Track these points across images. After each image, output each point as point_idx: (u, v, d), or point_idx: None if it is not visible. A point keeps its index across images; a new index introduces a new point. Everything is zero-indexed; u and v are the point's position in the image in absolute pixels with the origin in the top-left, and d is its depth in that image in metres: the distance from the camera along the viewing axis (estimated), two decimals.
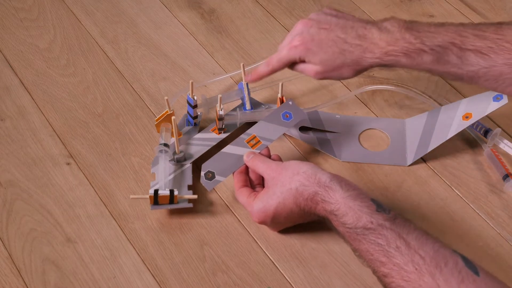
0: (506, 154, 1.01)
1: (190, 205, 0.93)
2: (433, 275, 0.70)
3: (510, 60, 0.85)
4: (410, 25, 0.87)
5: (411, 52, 0.86)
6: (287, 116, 0.97)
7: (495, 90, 0.88)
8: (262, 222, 0.88)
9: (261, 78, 0.97)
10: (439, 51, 0.86)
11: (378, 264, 0.74)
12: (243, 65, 1.03)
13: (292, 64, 0.93)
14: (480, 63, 0.85)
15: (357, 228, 0.77)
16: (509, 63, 0.85)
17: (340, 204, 0.80)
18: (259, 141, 0.95)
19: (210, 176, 0.92)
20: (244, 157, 0.92)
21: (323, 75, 0.91)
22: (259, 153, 0.93)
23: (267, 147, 0.94)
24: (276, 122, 0.96)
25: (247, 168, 0.93)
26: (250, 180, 0.93)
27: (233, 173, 0.92)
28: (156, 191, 0.91)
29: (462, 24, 0.87)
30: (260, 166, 0.90)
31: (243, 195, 0.89)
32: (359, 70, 0.90)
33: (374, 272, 0.76)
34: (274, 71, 0.95)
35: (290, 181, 0.84)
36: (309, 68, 0.92)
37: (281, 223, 0.89)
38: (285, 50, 0.92)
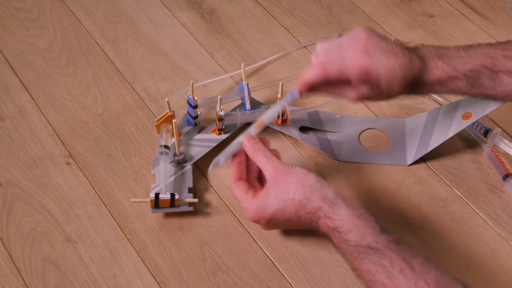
0: (506, 154, 1.01)
1: (191, 208, 0.93)
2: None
3: None
4: (440, 52, 0.86)
5: (445, 80, 0.86)
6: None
7: None
8: (256, 221, 0.86)
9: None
10: (472, 76, 0.86)
11: (380, 286, 0.74)
12: (244, 65, 1.03)
13: None
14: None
15: (361, 247, 0.76)
16: None
17: (344, 221, 0.78)
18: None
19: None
20: (244, 140, 0.87)
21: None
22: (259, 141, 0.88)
23: (266, 139, 0.91)
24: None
25: (246, 158, 0.89)
26: (248, 170, 0.89)
27: (232, 161, 0.89)
28: (157, 195, 0.91)
29: (490, 45, 0.87)
30: (262, 161, 0.85)
31: (241, 189, 0.86)
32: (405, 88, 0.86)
33: None
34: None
35: (295, 192, 0.82)
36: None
37: (274, 226, 0.88)
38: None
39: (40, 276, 0.88)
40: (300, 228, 0.85)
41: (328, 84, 0.86)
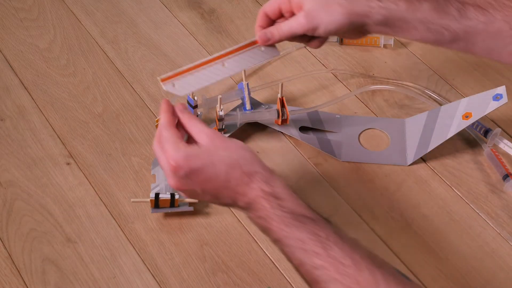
0: (506, 154, 1.01)
1: (191, 208, 0.93)
2: (372, 272, 0.68)
3: (509, 17, 0.84)
4: None
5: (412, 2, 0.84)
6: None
7: (491, 55, 0.86)
8: (175, 169, 0.76)
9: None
10: (439, 1, 0.84)
11: (311, 255, 0.70)
12: None
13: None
14: (479, 17, 0.84)
15: (296, 214, 0.73)
16: (508, 20, 0.84)
17: (281, 189, 0.75)
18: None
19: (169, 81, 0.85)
20: (178, 108, 0.81)
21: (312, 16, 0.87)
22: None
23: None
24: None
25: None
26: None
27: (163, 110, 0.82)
28: (157, 195, 0.91)
29: None
30: (199, 126, 0.79)
31: (174, 134, 0.77)
32: (352, 13, 0.85)
33: (301, 264, 0.71)
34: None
35: (235, 151, 0.77)
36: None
37: (191, 183, 0.77)
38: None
39: (40, 276, 0.88)
40: (218, 194, 0.78)
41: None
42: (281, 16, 0.90)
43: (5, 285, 0.87)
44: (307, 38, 0.91)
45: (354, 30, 0.88)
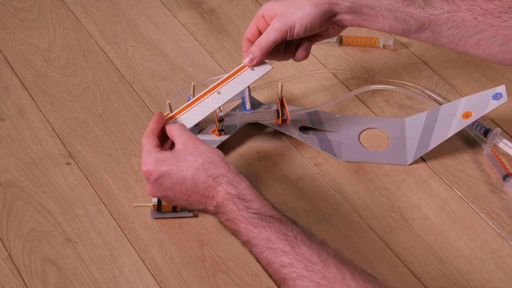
0: (506, 154, 1.01)
1: (191, 214, 0.93)
2: (339, 268, 0.69)
3: (473, 6, 0.86)
4: None
5: None
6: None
7: (458, 46, 0.88)
8: (147, 174, 0.81)
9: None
10: None
11: (279, 254, 0.71)
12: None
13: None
14: (443, 6, 0.86)
15: (263, 215, 0.75)
16: (472, 9, 0.86)
17: (247, 191, 0.77)
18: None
19: None
20: (162, 116, 0.87)
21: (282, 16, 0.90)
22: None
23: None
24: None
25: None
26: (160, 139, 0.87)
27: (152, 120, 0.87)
28: (159, 200, 0.91)
29: None
30: (177, 130, 0.84)
31: (151, 141, 0.83)
32: (320, 2, 0.89)
33: (269, 263, 0.72)
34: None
35: (201, 155, 0.80)
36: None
37: (162, 189, 0.82)
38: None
39: (40, 276, 0.88)
40: (189, 198, 0.81)
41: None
42: (260, 35, 0.94)
43: (5, 285, 0.87)
44: (292, 50, 0.96)
45: (327, 21, 0.91)
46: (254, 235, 0.74)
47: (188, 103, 0.92)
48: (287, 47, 0.96)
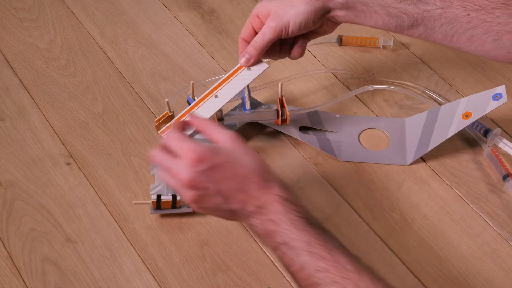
0: (506, 154, 1.01)
1: (190, 209, 0.93)
2: (372, 280, 0.70)
3: (466, 2, 0.86)
4: None
5: None
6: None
7: (451, 42, 0.88)
8: (196, 163, 0.75)
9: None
10: None
11: (317, 258, 0.71)
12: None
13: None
14: (436, 2, 0.87)
15: (309, 218, 0.75)
16: (465, 5, 0.86)
17: (297, 199, 0.77)
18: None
19: None
20: (194, 115, 0.84)
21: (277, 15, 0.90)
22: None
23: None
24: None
25: None
26: None
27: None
28: (158, 196, 0.91)
29: None
30: (219, 129, 0.80)
31: (184, 134, 0.80)
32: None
33: (303, 268, 0.72)
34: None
35: (254, 156, 0.78)
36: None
37: (207, 181, 0.76)
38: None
39: (40, 276, 0.88)
40: (231, 196, 0.77)
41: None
42: (256, 34, 0.94)
43: (5, 285, 0.87)
44: (287, 48, 0.96)
45: (321, 18, 0.92)
46: (295, 237, 0.73)
47: (187, 109, 0.92)
48: (282, 45, 0.96)
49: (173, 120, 0.91)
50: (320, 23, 0.93)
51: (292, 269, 0.74)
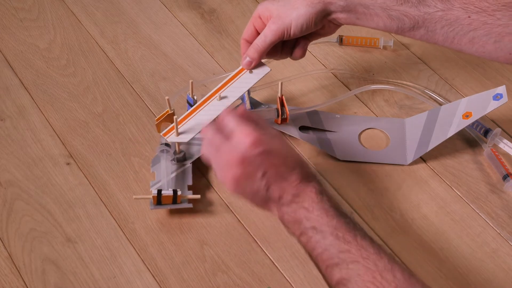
0: (506, 154, 1.01)
1: (190, 205, 0.93)
2: (391, 261, 0.72)
3: (466, 4, 0.87)
4: None
5: None
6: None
7: (452, 44, 0.89)
8: (253, 144, 0.77)
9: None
10: None
11: (342, 241, 0.74)
12: None
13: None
14: (437, 4, 0.88)
15: (340, 211, 0.77)
16: (466, 7, 0.87)
17: (329, 194, 0.79)
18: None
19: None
20: (223, 112, 0.84)
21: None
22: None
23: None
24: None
25: None
26: None
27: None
28: (159, 191, 0.91)
29: None
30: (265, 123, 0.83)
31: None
32: (315, 2, 0.91)
33: (327, 250, 0.74)
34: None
35: (297, 154, 0.82)
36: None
37: (258, 164, 0.78)
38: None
39: (40, 276, 0.88)
40: (274, 182, 0.79)
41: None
42: (258, 34, 0.95)
43: (5, 285, 0.87)
44: (289, 49, 0.97)
45: (322, 20, 0.93)
46: (324, 222, 0.76)
47: (189, 111, 0.93)
48: (284, 47, 0.97)
49: (175, 122, 0.91)
50: (321, 25, 0.93)
51: (316, 252, 0.76)
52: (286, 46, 0.97)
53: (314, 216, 0.77)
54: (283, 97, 1.01)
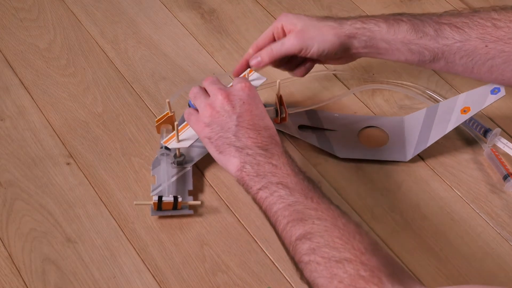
0: (506, 154, 1.01)
1: (191, 211, 0.93)
2: (360, 228, 0.74)
3: (483, 34, 0.88)
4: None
5: (389, 19, 0.91)
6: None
7: (472, 74, 0.91)
8: (244, 88, 0.87)
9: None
10: (416, 22, 0.91)
11: (309, 201, 0.76)
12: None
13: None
14: (455, 36, 0.89)
15: (306, 176, 0.80)
16: (482, 37, 0.88)
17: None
18: None
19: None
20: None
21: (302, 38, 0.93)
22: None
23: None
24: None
25: None
26: None
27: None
28: (160, 198, 0.91)
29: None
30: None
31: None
32: (341, 34, 0.92)
33: (291, 205, 0.76)
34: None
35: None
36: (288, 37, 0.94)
37: (240, 105, 0.86)
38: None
39: (40, 276, 0.88)
40: (246, 128, 0.84)
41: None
42: (273, 40, 0.97)
43: (5, 285, 0.87)
44: (294, 65, 0.98)
45: (343, 52, 0.94)
46: (293, 181, 0.79)
47: (185, 122, 0.93)
48: (290, 60, 0.97)
49: (176, 130, 0.92)
50: (340, 56, 0.95)
51: (276, 206, 0.77)
52: (292, 61, 0.98)
53: (281, 173, 0.79)
54: (281, 96, 1.01)
